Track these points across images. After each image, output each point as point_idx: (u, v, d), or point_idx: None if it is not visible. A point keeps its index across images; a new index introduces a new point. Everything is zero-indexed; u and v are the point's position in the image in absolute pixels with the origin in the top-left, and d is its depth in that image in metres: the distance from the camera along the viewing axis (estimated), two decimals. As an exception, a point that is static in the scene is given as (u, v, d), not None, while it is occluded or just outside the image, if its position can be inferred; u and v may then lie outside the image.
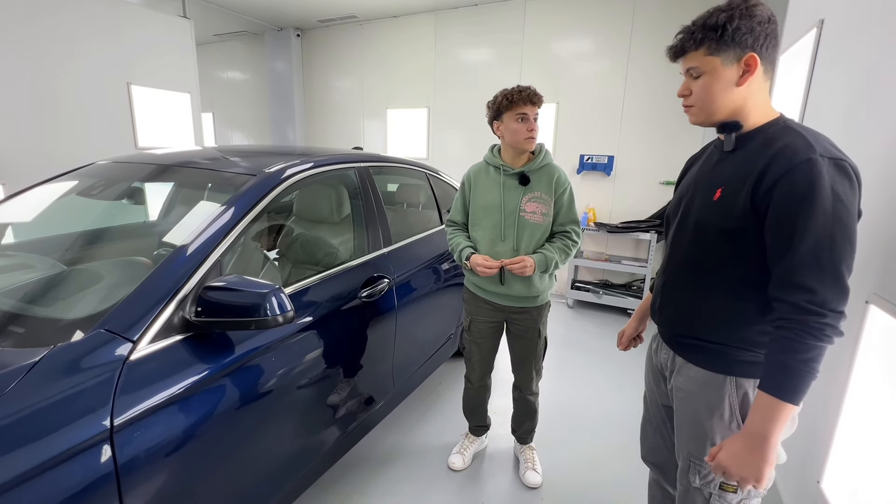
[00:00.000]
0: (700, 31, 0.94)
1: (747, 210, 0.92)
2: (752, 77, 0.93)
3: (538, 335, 1.86)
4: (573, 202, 1.76)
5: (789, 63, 2.28)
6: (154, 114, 3.96)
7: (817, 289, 0.83)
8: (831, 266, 0.83)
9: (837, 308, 0.83)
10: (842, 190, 0.84)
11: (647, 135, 3.99)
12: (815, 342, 0.83)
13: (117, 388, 0.93)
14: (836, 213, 0.83)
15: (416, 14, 4.86)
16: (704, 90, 0.97)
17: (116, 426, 0.91)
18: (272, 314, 1.09)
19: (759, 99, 0.96)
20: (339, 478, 1.95)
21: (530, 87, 1.66)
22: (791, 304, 0.86)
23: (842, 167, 0.85)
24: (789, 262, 0.86)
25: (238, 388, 1.20)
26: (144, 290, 1.09)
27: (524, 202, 1.70)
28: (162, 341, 1.05)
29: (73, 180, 1.76)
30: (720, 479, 1.02)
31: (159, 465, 1.00)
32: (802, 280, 0.84)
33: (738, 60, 0.92)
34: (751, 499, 1.02)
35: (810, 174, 0.83)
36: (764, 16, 0.91)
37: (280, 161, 1.63)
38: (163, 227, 1.79)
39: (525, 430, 2.06)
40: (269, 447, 1.36)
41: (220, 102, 6.59)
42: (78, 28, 3.34)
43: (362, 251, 1.87)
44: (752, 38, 0.91)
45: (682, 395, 1.11)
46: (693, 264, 1.07)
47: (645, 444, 1.40)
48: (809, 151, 0.85)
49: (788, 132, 0.91)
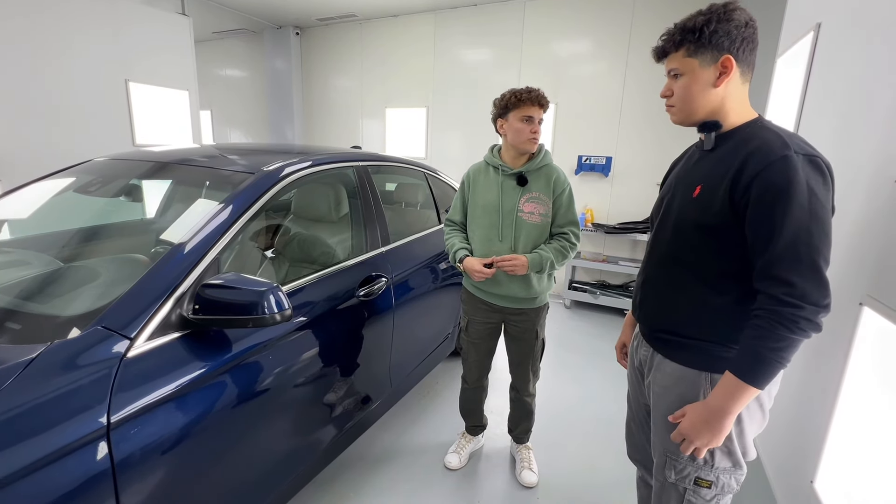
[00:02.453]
0: (679, 34, 0.99)
1: (725, 206, 0.95)
2: (728, 79, 0.97)
3: (535, 337, 1.85)
4: (572, 203, 1.75)
5: (787, 66, 2.29)
6: (152, 111, 3.94)
7: (796, 281, 0.86)
8: (808, 259, 0.86)
9: (816, 301, 0.86)
10: (816, 185, 0.87)
11: (646, 136, 4.00)
12: (787, 333, 0.86)
13: (114, 386, 0.93)
14: (811, 208, 0.86)
15: (415, 14, 4.86)
16: (684, 90, 1.01)
17: (113, 423, 0.91)
18: (270, 312, 1.09)
19: (737, 100, 1.00)
20: (336, 476, 1.95)
21: (539, 89, 1.66)
22: (770, 296, 0.89)
23: (815, 163, 0.89)
24: (769, 257, 0.89)
25: (235, 386, 1.20)
26: (142, 287, 1.09)
27: (522, 202, 1.70)
28: (159, 339, 1.05)
29: (71, 177, 1.75)
30: (695, 475, 1.05)
31: (156, 462, 1.00)
32: (781, 273, 0.88)
33: (715, 62, 0.96)
34: (724, 494, 1.05)
35: (786, 170, 0.87)
36: (741, 20, 0.94)
37: (278, 159, 1.63)
38: (160, 225, 1.78)
39: (521, 430, 2.06)
40: (266, 445, 1.36)
41: (219, 100, 6.57)
42: (76, 24, 3.32)
43: (360, 250, 1.87)
44: (728, 41, 0.95)
45: (658, 390, 1.13)
46: (672, 260, 1.09)
47: (630, 442, 1.42)
48: (784, 149, 0.88)
49: (764, 131, 0.95)
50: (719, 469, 1.03)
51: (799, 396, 1.56)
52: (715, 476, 1.03)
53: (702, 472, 1.04)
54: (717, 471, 1.03)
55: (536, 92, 1.65)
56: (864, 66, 1.44)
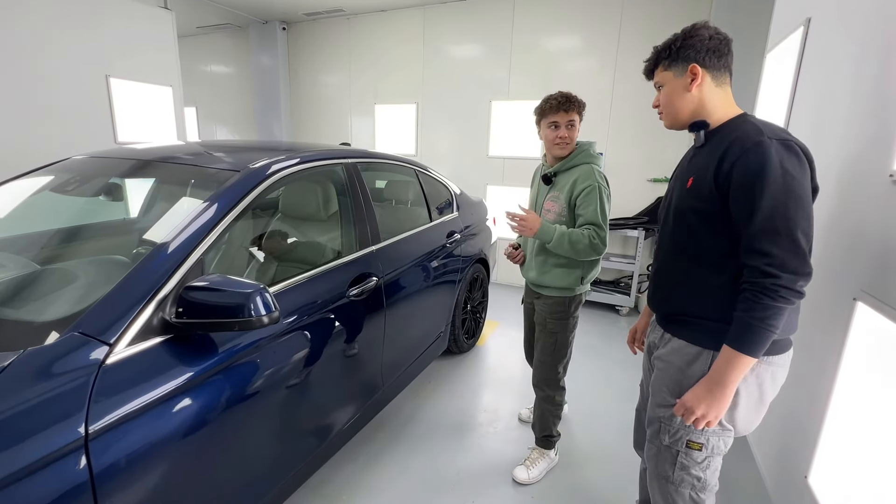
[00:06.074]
0: (656, 55, 1.19)
1: (713, 191, 1.06)
2: (699, 82, 1.12)
3: (544, 327, 1.91)
4: (594, 203, 1.71)
5: (776, 61, 2.29)
6: (135, 108, 3.84)
7: (774, 252, 0.96)
8: (786, 230, 0.95)
9: (795, 269, 0.95)
10: (790, 165, 0.97)
11: (636, 132, 4.00)
12: (770, 302, 0.96)
13: (92, 394, 0.89)
14: (786, 185, 0.95)
15: (404, 8, 4.81)
16: (666, 98, 1.19)
17: (91, 434, 0.87)
18: (257, 314, 1.06)
19: (717, 99, 1.14)
20: (328, 479, 1.92)
21: (563, 94, 1.74)
22: (752, 267, 0.99)
23: (788, 146, 0.98)
24: (750, 232, 0.99)
25: (221, 391, 1.16)
26: (122, 290, 1.05)
27: (545, 200, 1.86)
28: (140, 344, 1.01)
29: (47, 176, 1.69)
30: (686, 437, 1.15)
31: (138, 473, 0.96)
32: (761, 245, 0.97)
33: (686, 71, 1.13)
34: (714, 456, 1.15)
35: (761, 154, 0.97)
36: (705, 35, 1.11)
37: (265, 157, 1.59)
38: (143, 225, 1.73)
39: (538, 430, 2.02)
40: (255, 450, 1.32)
41: (204, 97, 6.45)
42: (53, 18, 3.21)
43: (350, 249, 1.84)
44: (693, 53, 1.11)
45: (660, 364, 1.24)
46: (676, 248, 1.21)
47: (638, 431, 1.47)
48: (758, 135, 1.00)
49: (745, 124, 1.07)
50: (709, 431, 1.13)
51: (793, 390, 1.56)
52: (705, 438, 1.14)
53: (693, 435, 1.15)
54: (707, 433, 1.13)
55: (557, 98, 1.74)
56: (855, 61, 1.44)
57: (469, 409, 2.49)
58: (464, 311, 2.92)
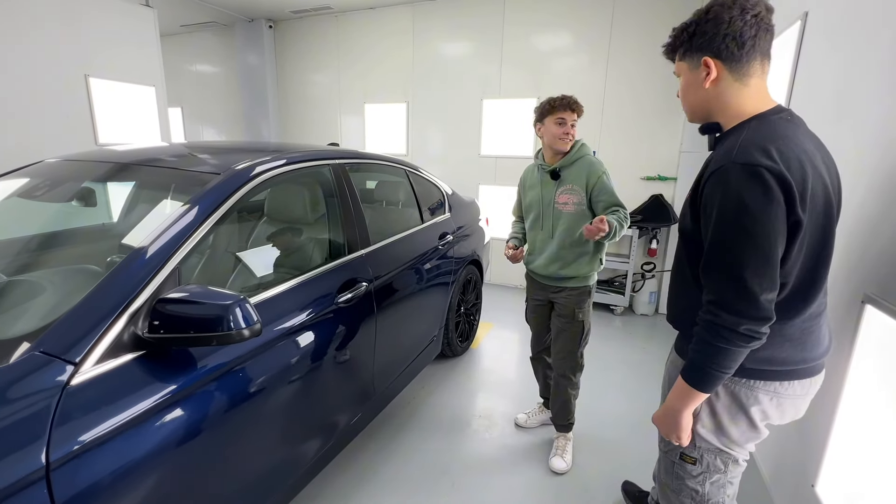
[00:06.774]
0: (671, 38, 1.02)
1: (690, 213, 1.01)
2: (713, 77, 0.95)
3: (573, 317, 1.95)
4: (609, 187, 1.86)
5: (774, 55, 2.26)
6: (116, 108, 3.73)
7: (715, 289, 0.91)
8: (729, 269, 0.87)
9: (741, 312, 0.87)
10: (750, 197, 0.83)
11: (628, 131, 3.96)
12: (712, 341, 0.91)
13: (54, 420, 0.82)
14: (737, 221, 0.85)
15: (393, 6, 4.73)
16: (682, 91, 1.06)
17: (53, 463, 0.79)
18: (237, 327, 0.99)
19: (731, 100, 0.96)
20: (320, 491, 1.85)
21: (572, 96, 1.86)
22: (704, 301, 0.94)
23: (755, 173, 0.83)
24: (702, 264, 0.94)
25: (201, 409, 1.09)
26: (89, 303, 0.97)
27: (558, 195, 1.90)
28: (110, 362, 0.93)
29: (17, 179, 1.60)
30: (679, 450, 1.13)
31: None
32: (707, 280, 0.94)
33: (700, 64, 0.96)
34: (712, 474, 1.11)
35: (717, 183, 0.88)
36: (724, 18, 0.92)
37: (250, 158, 1.52)
38: (118, 231, 1.64)
39: (558, 417, 2.09)
40: (242, 468, 1.25)
41: (190, 97, 6.31)
42: (28, 14, 3.09)
43: (339, 253, 1.77)
44: (707, 42, 0.94)
45: (665, 375, 1.24)
46: (677, 262, 1.16)
47: None
48: (725, 158, 0.88)
49: (734, 136, 0.92)
50: (703, 448, 1.10)
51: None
52: (699, 454, 1.11)
53: (686, 449, 1.13)
54: (701, 449, 1.10)
55: (568, 98, 1.84)
56: (853, 55, 1.40)
57: (464, 414, 2.43)
58: (457, 313, 2.85)
